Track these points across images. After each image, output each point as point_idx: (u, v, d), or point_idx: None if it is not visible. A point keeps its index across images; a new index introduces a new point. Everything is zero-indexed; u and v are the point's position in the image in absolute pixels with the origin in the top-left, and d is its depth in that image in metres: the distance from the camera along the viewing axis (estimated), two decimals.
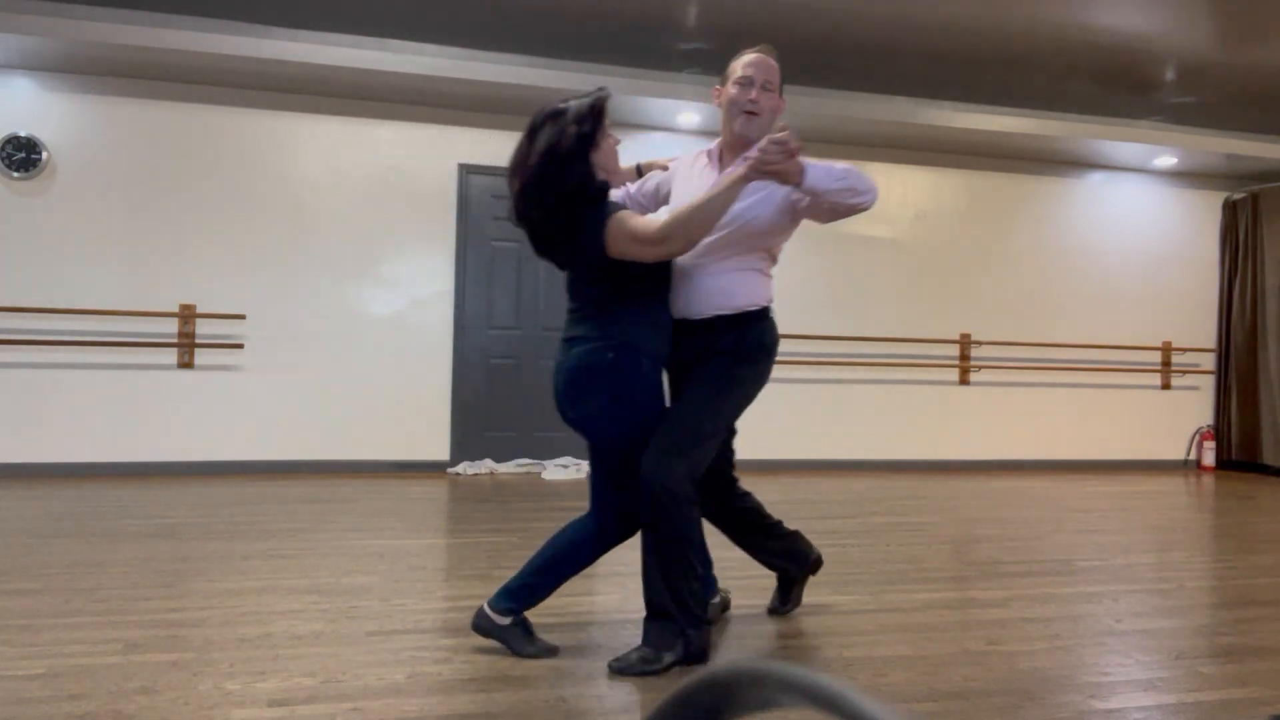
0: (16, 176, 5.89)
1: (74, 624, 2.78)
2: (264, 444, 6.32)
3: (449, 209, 6.66)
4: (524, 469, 6.70)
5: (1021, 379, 7.86)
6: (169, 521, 4.46)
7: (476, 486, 5.93)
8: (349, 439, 6.47)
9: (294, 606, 3.03)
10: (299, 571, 3.51)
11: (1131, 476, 7.52)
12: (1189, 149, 7.42)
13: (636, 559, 3.86)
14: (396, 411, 6.56)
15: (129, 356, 6.11)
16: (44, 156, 5.94)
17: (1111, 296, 8.11)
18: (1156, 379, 8.22)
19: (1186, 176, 8.30)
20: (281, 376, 6.35)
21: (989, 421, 7.78)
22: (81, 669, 2.40)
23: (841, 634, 2.89)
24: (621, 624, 2.92)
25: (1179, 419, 8.29)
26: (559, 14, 5.47)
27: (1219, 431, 8.31)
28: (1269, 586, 3.68)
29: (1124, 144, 7.32)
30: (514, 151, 2.64)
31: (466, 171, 6.69)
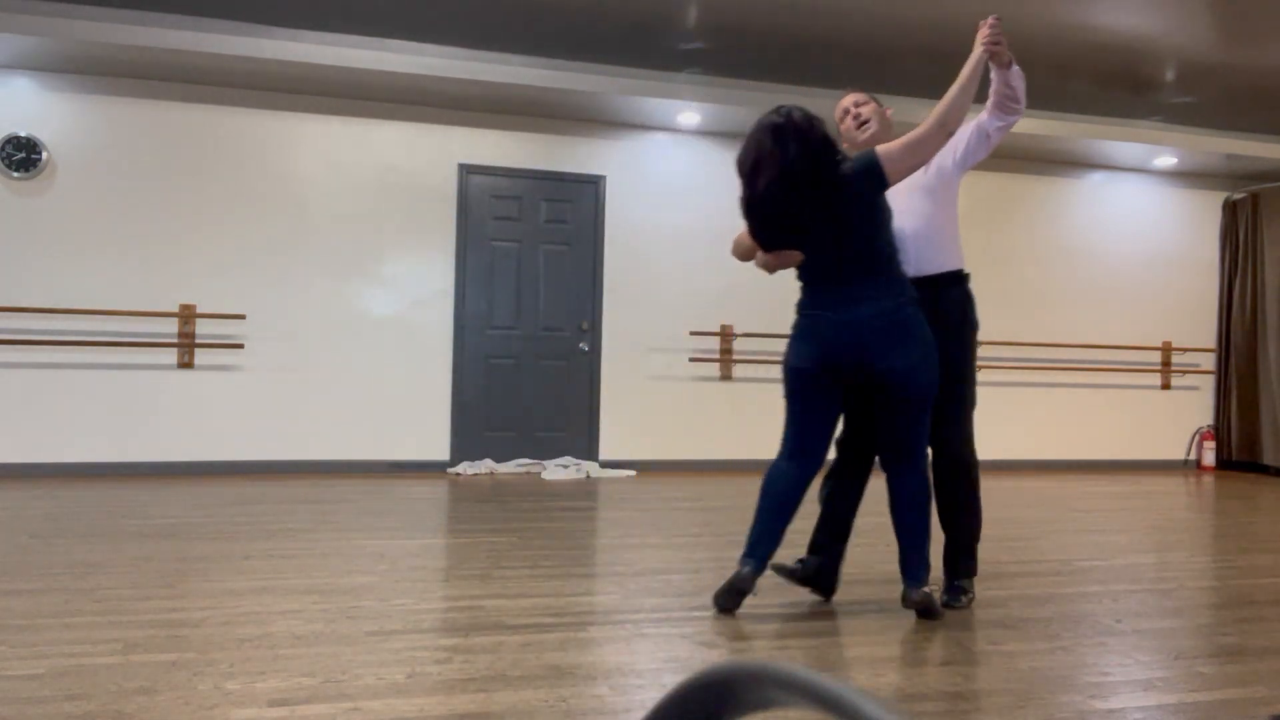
0: (16, 176, 5.89)
1: (74, 624, 2.78)
2: (264, 444, 6.32)
3: (449, 209, 6.67)
4: (524, 469, 6.70)
5: (1021, 379, 7.86)
6: (169, 521, 4.46)
7: (476, 486, 5.93)
8: (349, 439, 6.47)
9: (294, 606, 3.03)
10: (299, 571, 3.51)
11: (1131, 476, 7.52)
12: (1189, 149, 7.42)
13: (637, 559, 3.86)
14: (396, 411, 6.56)
15: (129, 356, 6.11)
16: (44, 156, 5.94)
17: (1111, 296, 8.11)
18: (1156, 379, 8.22)
19: (1186, 176, 8.30)
20: (281, 376, 6.36)
21: (990, 421, 7.78)
22: (81, 669, 2.40)
23: (841, 634, 2.89)
24: (621, 624, 2.92)
25: (1179, 419, 8.29)
26: (559, 14, 5.47)
27: (1219, 431, 8.31)
28: (1269, 586, 3.68)
29: (1124, 144, 7.32)
30: (758, 160, 2.88)
31: (466, 171, 6.69)
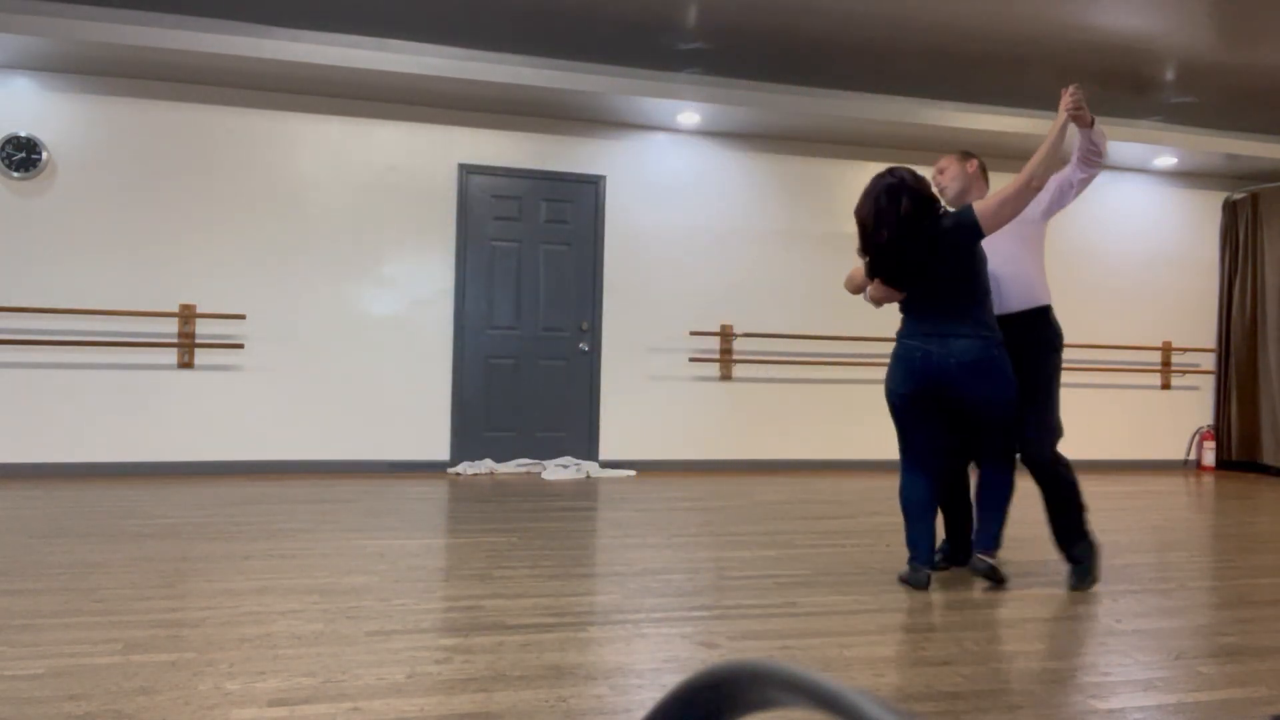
0: (16, 176, 5.89)
1: (74, 624, 2.78)
2: (264, 444, 6.32)
3: (449, 209, 6.67)
4: (524, 469, 6.70)
5: None
6: (169, 521, 4.46)
7: (476, 486, 5.93)
8: (349, 439, 6.47)
9: (294, 606, 3.03)
10: (299, 571, 3.51)
11: (1131, 476, 7.52)
12: (1189, 149, 7.42)
13: (637, 559, 3.87)
14: (396, 411, 6.56)
15: (129, 356, 6.11)
16: (44, 156, 5.94)
17: (1111, 296, 8.11)
18: (1156, 379, 8.22)
19: (1186, 176, 8.30)
20: (281, 376, 6.36)
21: None
22: (81, 669, 2.40)
23: (841, 634, 2.89)
24: (621, 624, 2.92)
25: (1179, 419, 8.29)
26: (559, 14, 5.47)
27: (1219, 431, 8.31)
28: (1269, 586, 3.68)
29: (1124, 144, 7.32)
30: (878, 215, 3.43)
31: (466, 171, 6.69)
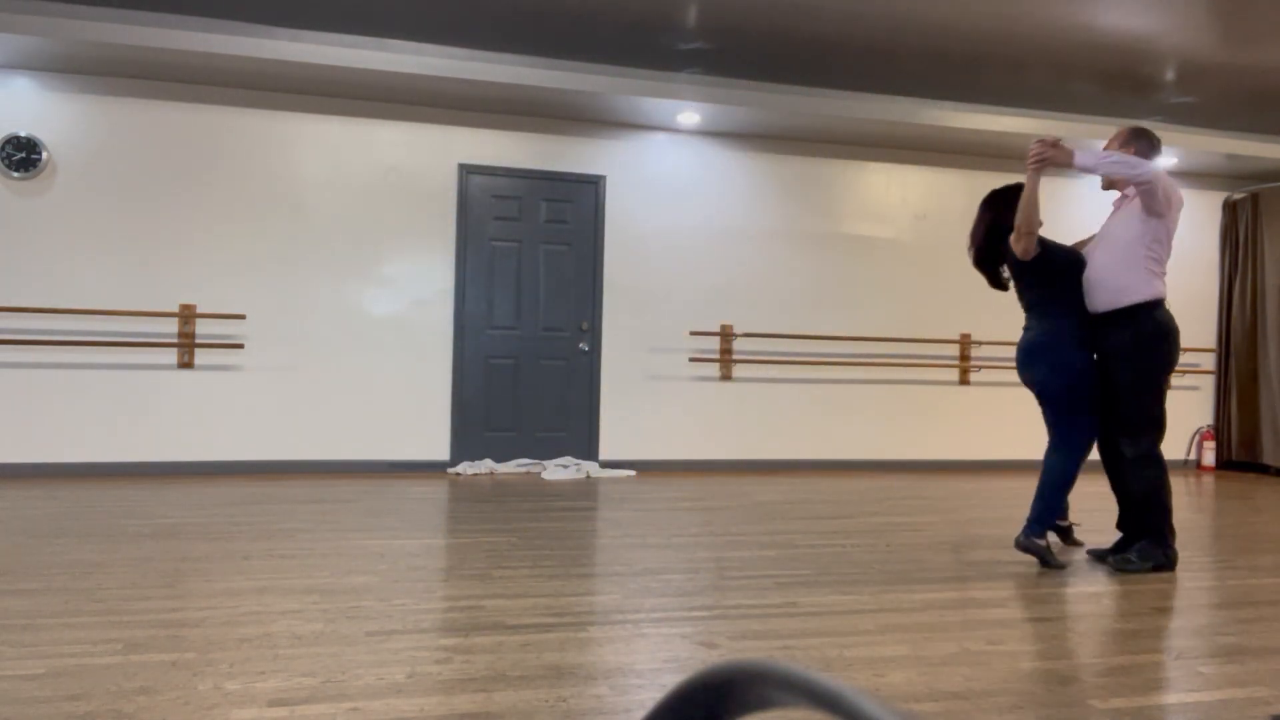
0: (16, 176, 5.90)
1: (74, 624, 2.78)
2: (264, 444, 6.32)
3: (449, 209, 6.67)
4: (524, 469, 6.70)
5: None
6: (169, 521, 4.46)
7: (476, 486, 5.93)
8: (349, 439, 6.47)
9: (294, 606, 3.03)
10: (299, 571, 3.51)
11: None
12: (1189, 149, 7.42)
13: (636, 559, 3.87)
14: (396, 411, 6.56)
15: (129, 356, 6.11)
16: (44, 156, 5.94)
17: None
18: None
19: (1186, 176, 8.30)
20: (281, 376, 6.36)
21: (989, 421, 7.78)
22: (81, 669, 2.40)
23: (841, 634, 2.89)
24: (621, 624, 2.92)
25: (1179, 419, 8.29)
26: (559, 14, 5.47)
27: (1219, 431, 8.31)
28: (1269, 586, 3.68)
29: None
30: (975, 224, 4.31)
31: (466, 171, 6.69)
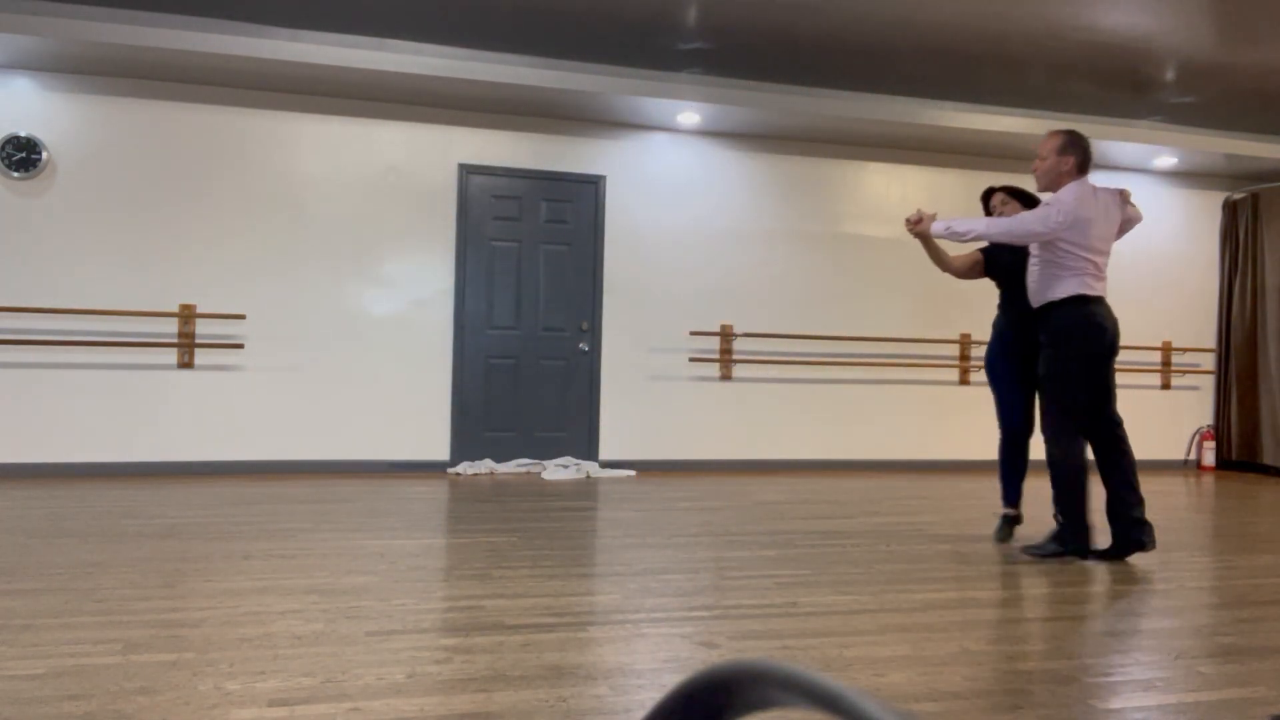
0: (16, 176, 5.90)
1: (74, 624, 2.78)
2: (264, 444, 6.32)
3: (449, 209, 6.67)
4: (524, 469, 6.70)
5: None
6: (169, 521, 4.46)
7: (476, 486, 5.93)
8: (349, 439, 6.47)
9: (294, 606, 3.03)
10: (299, 571, 3.51)
11: None
12: (1189, 149, 7.42)
13: (636, 559, 3.87)
14: (396, 411, 6.56)
15: (129, 356, 6.11)
16: (44, 156, 5.94)
17: (1111, 296, 8.10)
18: (1156, 379, 8.22)
19: (1186, 176, 8.30)
20: (281, 376, 6.36)
21: (989, 421, 7.78)
22: (81, 669, 2.40)
23: (841, 634, 2.89)
24: (621, 624, 2.92)
25: (1179, 419, 8.29)
26: (559, 14, 5.47)
27: (1219, 431, 8.31)
28: (1269, 586, 3.68)
29: (1124, 144, 7.32)
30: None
31: (466, 171, 6.69)
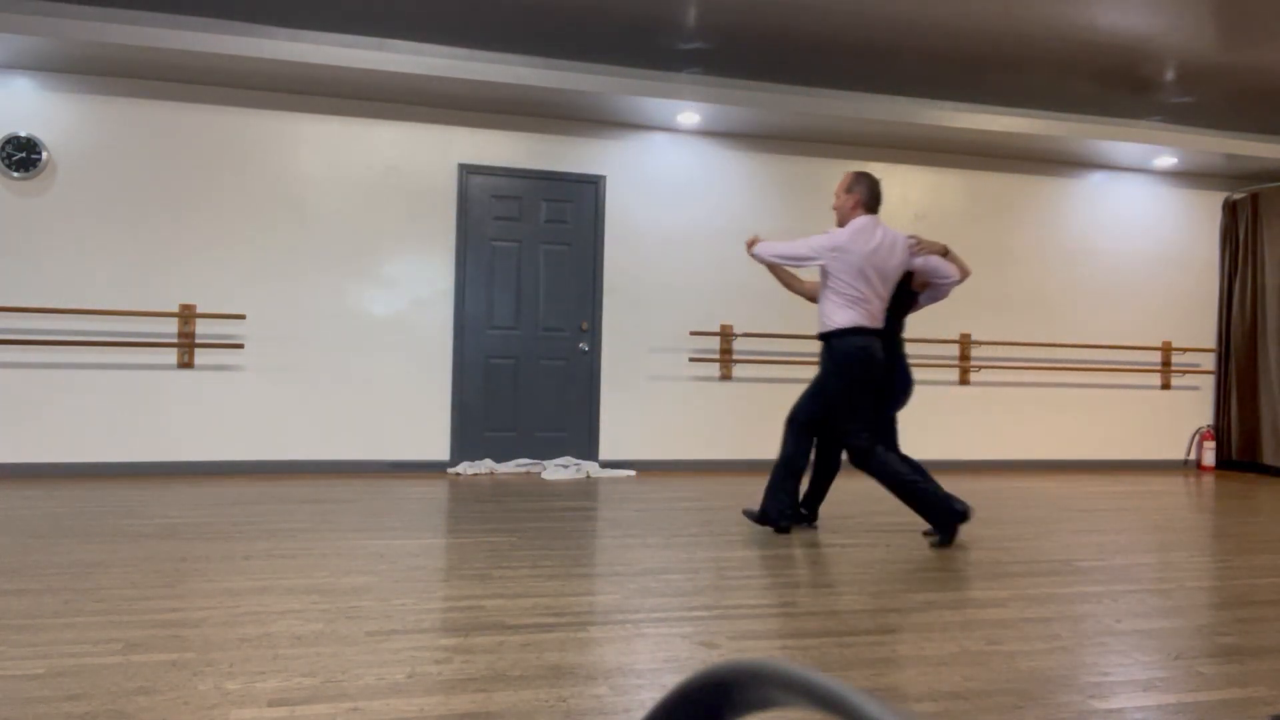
0: (16, 176, 5.89)
1: (74, 624, 2.78)
2: (264, 444, 6.32)
3: (449, 209, 6.67)
4: (524, 469, 6.70)
5: (1021, 379, 7.86)
6: (169, 521, 4.46)
7: (476, 486, 5.93)
8: (349, 439, 6.47)
9: (294, 606, 3.03)
10: (299, 571, 3.51)
11: (1131, 476, 7.52)
12: (1189, 149, 7.42)
13: (637, 559, 3.87)
14: (396, 411, 6.56)
15: (129, 356, 6.11)
16: (44, 156, 5.94)
17: (1111, 296, 8.11)
18: (1156, 379, 8.22)
19: (1186, 176, 8.30)
20: (281, 376, 6.36)
21: (989, 421, 7.78)
22: (81, 669, 2.40)
23: (841, 634, 2.89)
24: (621, 624, 2.92)
25: (1179, 419, 8.29)
26: (559, 14, 5.47)
27: (1219, 431, 8.31)
28: (1269, 586, 3.68)
29: (1124, 144, 7.32)
30: None
31: (466, 171, 6.69)
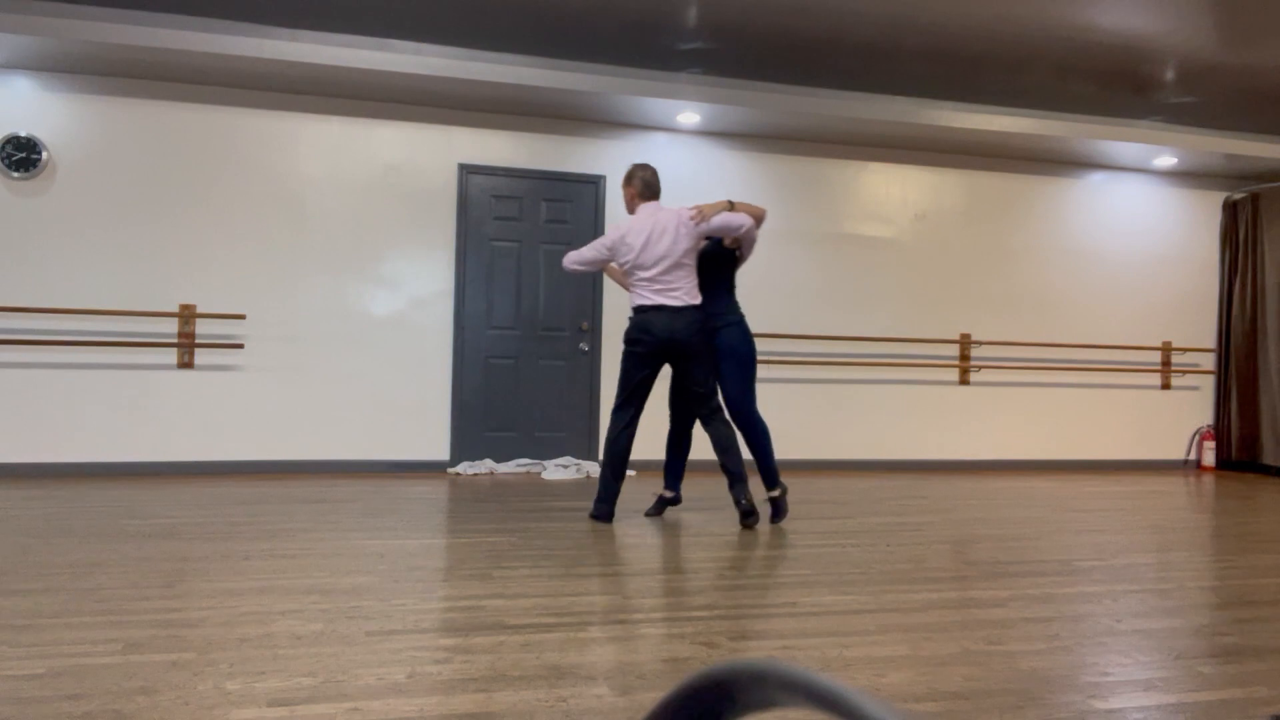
0: (16, 176, 5.90)
1: (74, 624, 2.78)
2: (264, 444, 6.32)
3: (449, 209, 6.67)
4: (524, 469, 6.70)
5: (1021, 379, 7.86)
6: (169, 521, 4.46)
7: (476, 486, 5.93)
8: (349, 439, 6.47)
9: (294, 606, 3.03)
10: (299, 571, 3.51)
11: (1131, 476, 7.52)
12: (1189, 149, 7.42)
13: (636, 559, 3.87)
14: (396, 411, 6.56)
15: (129, 356, 6.11)
16: (44, 156, 5.94)
17: (1111, 296, 8.11)
18: (1156, 379, 8.22)
19: (1186, 176, 8.30)
20: (281, 376, 6.36)
21: (989, 421, 7.78)
22: (81, 669, 2.40)
23: (841, 634, 2.89)
24: (621, 624, 2.92)
25: (1179, 419, 8.29)
26: (559, 14, 5.47)
27: (1219, 431, 8.31)
28: (1269, 586, 3.68)
29: (1124, 144, 7.32)
30: None
31: (466, 171, 6.69)
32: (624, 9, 5.38)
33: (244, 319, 6.28)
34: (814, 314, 7.38)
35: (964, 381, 7.72)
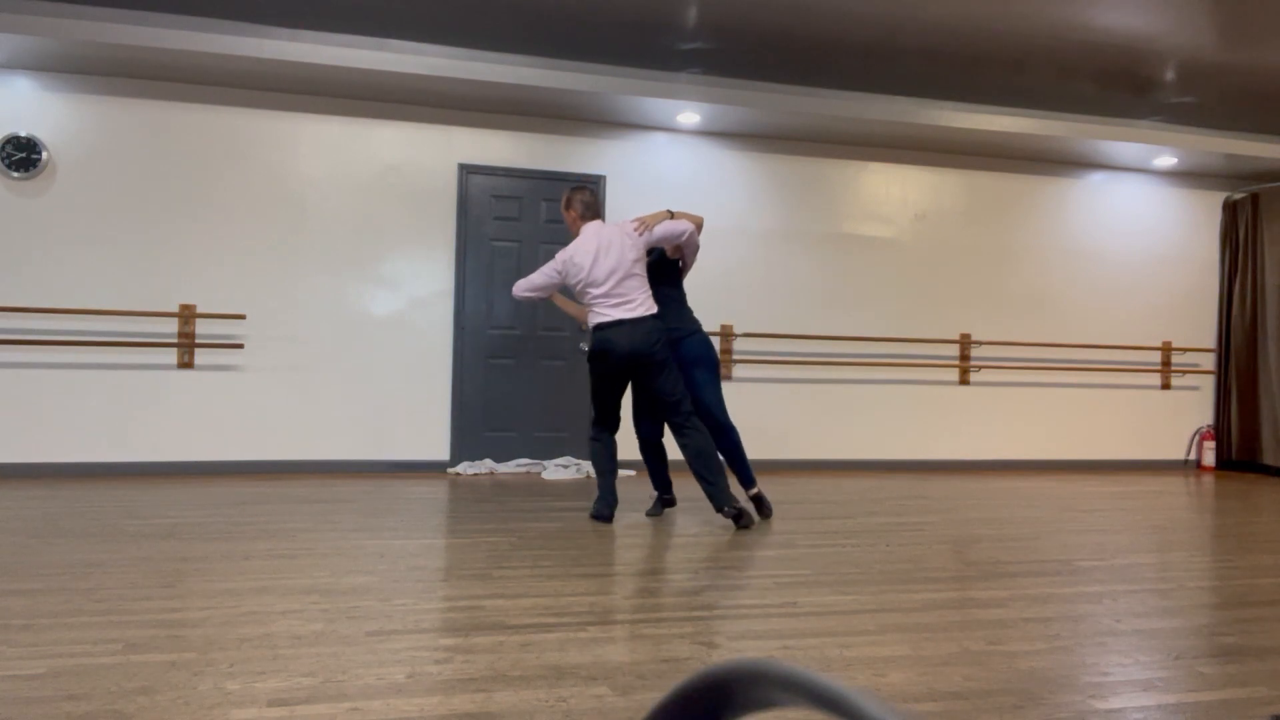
0: (16, 176, 5.90)
1: (74, 624, 2.78)
2: (264, 444, 6.32)
3: (449, 209, 6.67)
4: (524, 469, 6.70)
5: (1021, 379, 7.86)
6: (169, 521, 4.46)
7: (476, 486, 5.93)
8: (349, 439, 6.47)
9: (294, 606, 3.03)
10: (299, 571, 3.51)
11: (1131, 476, 7.52)
12: (1189, 149, 7.42)
13: (636, 559, 3.87)
14: (396, 411, 6.56)
15: (129, 356, 6.11)
16: (44, 156, 5.94)
17: (1111, 296, 8.11)
18: (1156, 379, 8.22)
19: (1186, 176, 8.30)
20: (281, 376, 6.36)
21: (989, 421, 7.78)
22: (81, 669, 2.40)
23: (841, 634, 2.89)
24: (621, 624, 2.92)
25: (1179, 419, 8.29)
26: (559, 14, 5.47)
27: (1219, 431, 8.31)
28: (1269, 586, 3.68)
29: (1124, 144, 7.32)
30: None
31: (466, 171, 6.69)
32: (624, 9, 5.38)
33: (244, 319, 6.28)
34: (814, 314, 7.37)
35: (964, 381, 7.72)
